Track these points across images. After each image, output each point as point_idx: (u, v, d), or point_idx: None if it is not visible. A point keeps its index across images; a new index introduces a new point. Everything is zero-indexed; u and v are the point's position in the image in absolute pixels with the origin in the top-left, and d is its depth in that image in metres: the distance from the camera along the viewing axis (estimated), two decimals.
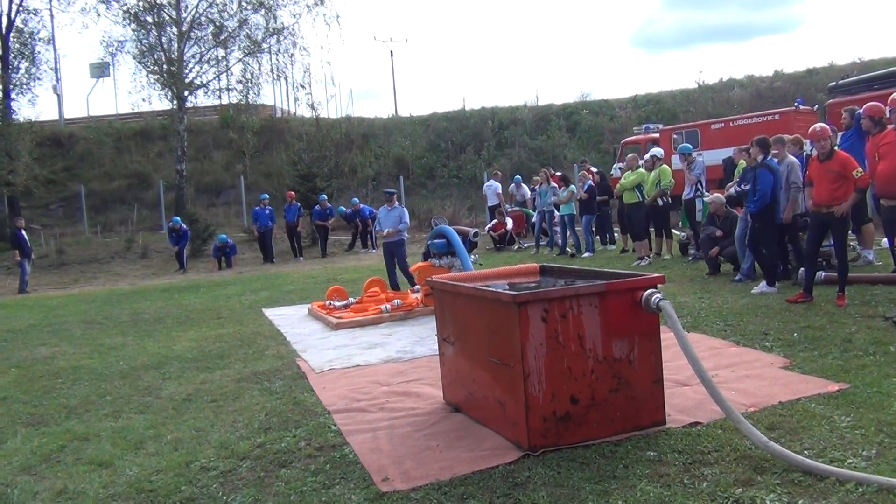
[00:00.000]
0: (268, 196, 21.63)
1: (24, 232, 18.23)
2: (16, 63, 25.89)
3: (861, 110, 8.26)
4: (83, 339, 9.78)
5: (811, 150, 8.24)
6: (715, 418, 4.26)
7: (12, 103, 25.77)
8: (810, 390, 4.68)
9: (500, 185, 20.03)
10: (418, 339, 7.81)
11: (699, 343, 6.06)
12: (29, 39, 26.28)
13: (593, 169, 15.62)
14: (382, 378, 6.19)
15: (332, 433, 4.79)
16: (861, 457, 3.59)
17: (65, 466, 4.64)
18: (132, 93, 37.93)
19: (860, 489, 3.21)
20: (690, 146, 13.54)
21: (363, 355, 7.25)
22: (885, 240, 7.85)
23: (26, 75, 26.19)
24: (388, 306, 9.39)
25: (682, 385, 5.04)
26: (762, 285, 8.52)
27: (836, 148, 7.54)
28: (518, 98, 39.81)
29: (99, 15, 27.02)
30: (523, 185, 20.23)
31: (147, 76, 27.40)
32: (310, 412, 5.34)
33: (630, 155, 13.70)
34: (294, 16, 28.21)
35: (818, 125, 7.69)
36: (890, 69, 16.56)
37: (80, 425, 5.55)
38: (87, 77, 35.49)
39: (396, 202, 12.42)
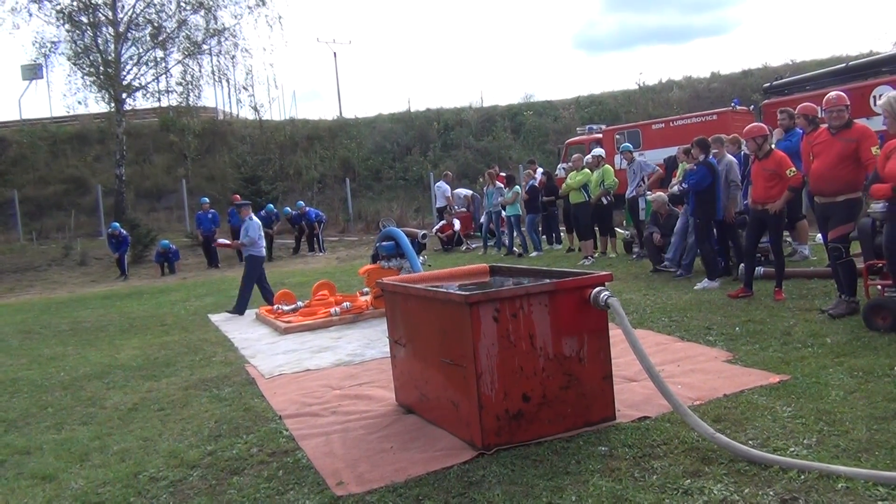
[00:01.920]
0: (208, 200, 21.27)
1: None
2: None
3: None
4: (21, 349, 9.47)
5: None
6: (663, 412, 4.36)
7: None
8: (753, 382, 4.83)
9: (448, 187, 20.09)
10: (368, 342, 7.79)
11: (646, 339, 6.19)
12: None
13: (539, 169, 15.76)
14: (334, 382, 6.15)
15: (284, 438, 4.74)
16: (802, 445, 3.72)
17: (6, 481, 4.50)
18: (67, 95, 37.21)
19: (802, 476, 3.33)
20: (630, 145, 13.87)
21: (313, 359, 7.20)
22: (819, 235, 8.13)
23: None
24: (338, 309, 9.33)
25: (631, 381, 5.15)
26: (704, 281, 8.75)
27: (773, 147, 7.79)
28: (463, 99, 40.23)
29: (31, 15, 26.20)
30: (459, 189, 20.55)
31: (83, 78, 26.73)
32: (261, 418, 5.28)
33: (575, 155, 13.92)
34: (235, 17, 27.91)
35: (754, 125, 7.94)
36: (822, 70, 17.17)
37: (20, 439, 5.38)
38: (19, 79, 34.28)
39: (250, 213, 11.39)
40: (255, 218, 11.20)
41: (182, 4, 26.84)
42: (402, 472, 3.90)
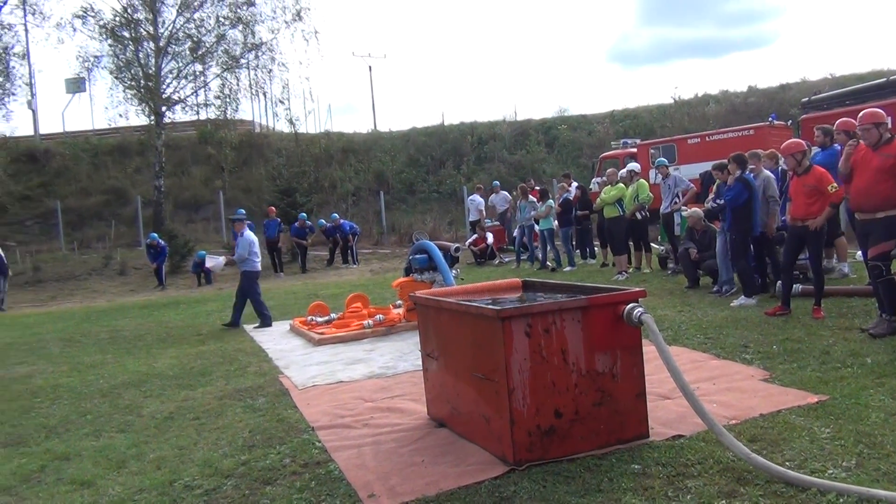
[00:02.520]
0: (244, 211, 21.49)
1: None
2: None
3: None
4: (61, 357, 9.67)
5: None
6: (697, 431, 4.31)
7: None
8: (790, 402, 4.75)
9: (482, 200, 20.08)
10: (401, 355, 7.81)
11: (680, 356, 6.13)
12: (3, 55, 26.18)
13: (574, 183, 15.72)
14: (366, 394, 6.18)
15: (317, 450, 4.78)
16: (841, 467, 3.65)
17: (46, 487, 4.59)
18: (109, 108, 38.00)
19: (841, 500, 3.26)
20: (665, 160, 13.76)
21: (346, 371, 7.24)
22: (860, 252, 7.99)
23: (0, 91, 26.00)
24: (371, 322, 9.39)
25: (665, 398, 5.09)
26: (741, 298, 8.63)
27: (812, 163, 7.69)
28: (497, 113, 40.21)
29: (75, 30, 26.99)
30: (502, 191, 20.29)
31: (124, 91, 27.41)
32: (294, 429, 5.32)
33: (610, 170, 13.85)
34: (272, 31, 28.22)
35: (793, 141, 7.84)
36: (862, 85, 16.89)
37: (60, 445, 5.49)
38: (63, 92, 35.23)
39: (244, 227, 11.34)
40: (248, 233, 11.21)
41: (221, 20, 27.42)
42: (434, 486, 3.91)
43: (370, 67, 48.83)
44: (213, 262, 13.53)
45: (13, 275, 20.22)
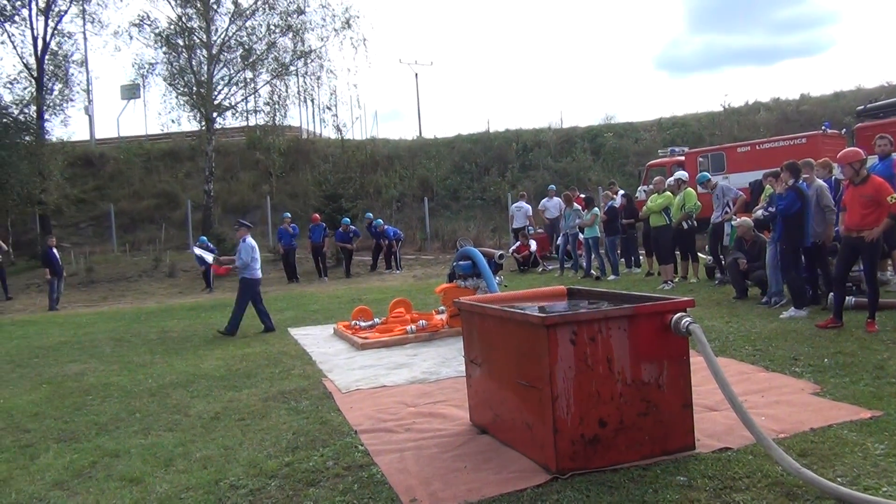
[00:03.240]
0: (290, 214, 21.74)
1: (55, 250, 18.57)
2: (50, 85, 26.51)
3: None
4: (112, 356, 9.91)
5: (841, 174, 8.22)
6: (745, 444, 4.22)
7: (46, 124, 26.39)
8: (842, 417, 4.63)
9: (529, 207, 19.84)
10: (443, 361, 7.82)
11: (728, 368, 6.01)
12: (63, 62, 26.94)
13: (620, 191, 15.56)
14: (409, 399, 6.20)
15: (360, 453, 4.81)
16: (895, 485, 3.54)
17: (96, 482, 4.70)
18: (162, 114, 38.78)
19: None
20: (707, 174, 13.42)
21: (389, 376, 7.27)
22: None
23: (59, 97, 26.81)
24: (414, 327, 9.42)
25: (712, 410, 5.00)
26: (791, 310, 8.45)
27: (870, 173, 7.50)
28: (542, 120, 39.97)
29: (131, 38, 27.73)
30: (555, 197, 19.91)
31: (177, 98, 27.98)
32: (337, 432, 5.36)
33: (657, 178, 13.66)
34: (321, 39, 28.55)
35: (850, 149, 7.66)
36: None
37: (110, 442, 5.63)
38: (119, 98, 36.20)
39: (245, 234, 11.32)
40: (250, 239, 11.23)
41: (272, 27, 27.84)
42: (476, 493, 3.90)
43: (416, 74, 48.84)
44: (201, 253, 13.60)
45: (67, 275, 20.83)
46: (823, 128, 18.82)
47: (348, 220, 21.90)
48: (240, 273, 11.23)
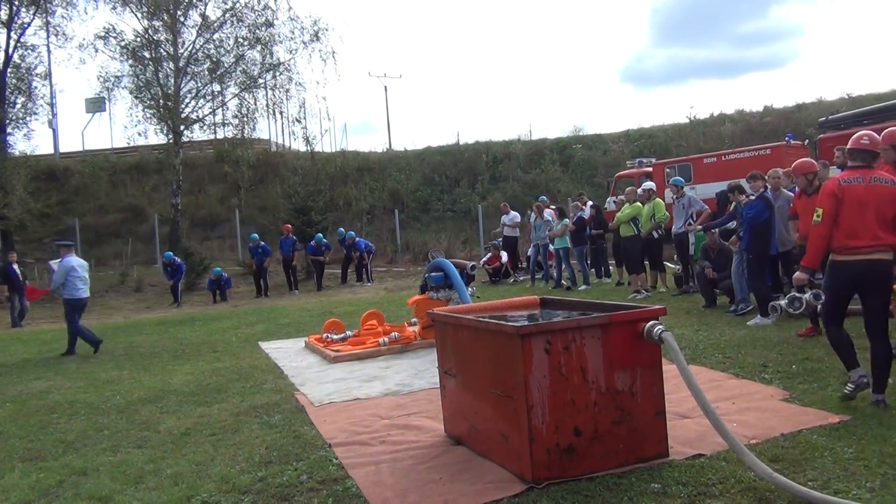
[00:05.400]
0: (257, 236, 21.46)
1: (15, 266, 18.10)
2: (12, 98, 26.00)
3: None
4: (79, 372, 9.71)
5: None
6: (718, 450, 4.27)
7: (8, 138, 25.88)
8: (811, 422, 4.70)
9: (518, 215, 19.61)
10: (417, 372, 7.79)
11: (699, 375, 6.03)
12: (26, 75, 26.45)
13: (589, 202, 15.69)
14: (382, 411, 6.16)
15: (334, 466, 4.77)
16: (865, 488, 3.60)
17: (64, 501, 4.60)
18: (128, 127, 37.82)
19: None
20: (682, 179, 13.60)
21: (362, 388, 7.23)
22: None
23: (23, 110, 26.31)
24: (386, 339, 9.38)
25: (684, 417, 5.05)
26: (757, 318, 8.57)
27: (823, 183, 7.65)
28: (512, 132, 40.00)
29: (97, 50, 27.28)
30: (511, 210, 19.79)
31: (143, 111, 27.60)
32: (310, 445, 5.31)
33: (628, 188, 13.81)
34: (290, 52, 28.42)
35: (804, 160, 7.85)
36: (880, 104, 16.80)
37: (78, 460, 5.50)
38: (83, 112, 35.63)
39: (70, 253, 11.38)
40: (68, 259, 11.17)
41: (240, 40, 27.68)
42: None
43: (386, 87, 48.93)
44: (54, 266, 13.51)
45: None
46: (787, 139, 19.19)
47: (321, 235, 21.77)
48: (59, 294, 11.22)
